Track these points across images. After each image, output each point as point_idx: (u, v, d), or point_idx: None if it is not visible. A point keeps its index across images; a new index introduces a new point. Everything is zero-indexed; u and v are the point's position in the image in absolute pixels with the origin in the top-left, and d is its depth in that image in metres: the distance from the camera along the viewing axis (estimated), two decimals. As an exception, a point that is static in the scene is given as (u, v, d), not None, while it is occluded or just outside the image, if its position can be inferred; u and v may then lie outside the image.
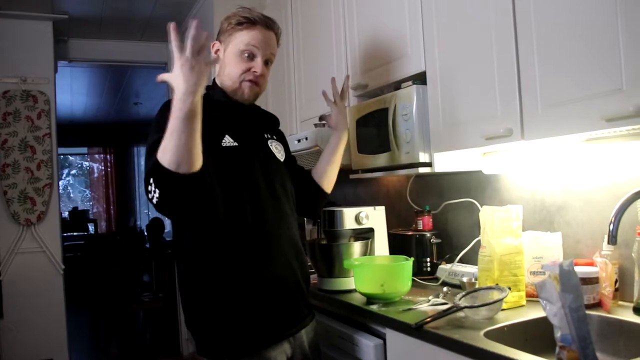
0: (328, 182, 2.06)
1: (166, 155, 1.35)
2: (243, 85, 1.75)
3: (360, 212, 2.26)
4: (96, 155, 11.12)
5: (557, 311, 1.25)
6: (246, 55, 1.73)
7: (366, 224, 2.28)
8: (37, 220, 4.14)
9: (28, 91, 4.16)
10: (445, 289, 2.01)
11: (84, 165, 11.61)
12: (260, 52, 1.75)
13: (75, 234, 9.36)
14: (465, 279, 1.96)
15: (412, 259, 1.99)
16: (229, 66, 1.76)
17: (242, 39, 1.73)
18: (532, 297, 1.82)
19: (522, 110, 1.62)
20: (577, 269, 1.65)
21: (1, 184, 4.07)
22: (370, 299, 1.96)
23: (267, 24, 1.77)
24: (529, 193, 2.07)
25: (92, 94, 7.62)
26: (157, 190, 1.39)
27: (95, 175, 11.15)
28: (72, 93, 7.32)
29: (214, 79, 1.85)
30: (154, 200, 1.42)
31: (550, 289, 1.26)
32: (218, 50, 1.79)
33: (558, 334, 1.26)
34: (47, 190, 4.17)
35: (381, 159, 2.24)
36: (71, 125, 9.35)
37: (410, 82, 2.09)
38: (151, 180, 1.40)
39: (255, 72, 1.74)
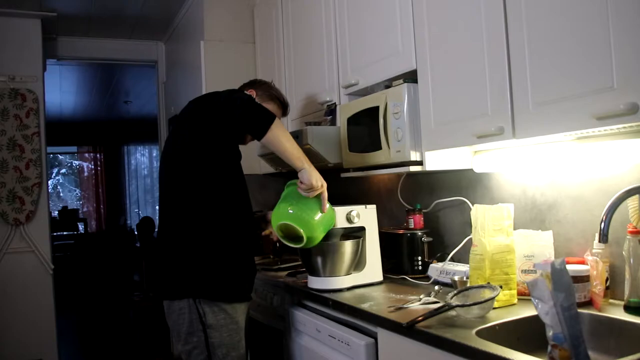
0: None
1: (275, 129, 1.96)
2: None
3: (351, 211, 2.25)
4: (86, 154, 11.05)
5: (549, 310, 1.24)
6: None
7: (357, 223, 2.26)
8: (26, 219, 4.10)
9: (16, 89, 4.11)
10: (436, 287, 2.00)
11: (74, 164, 11.54)
12: None
13: (65, 233, 9.30)
14: (456, 278, 1.95)
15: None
16: None
17: (272, 109, 2.34)
18: (524, 295, 1.82)
19: (513, 108, 1.62)
20: (568, 267, 1.65)
21: (-11, 183, 4.03)
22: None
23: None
24: (520, 191, 2.07)
25: (82, 93, 7.56)
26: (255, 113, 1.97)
27: (85, 174, 11.09)
28: (62, 91, 7.26)
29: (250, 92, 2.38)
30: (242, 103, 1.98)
31: (542, 287, 1.26)
32: (252, 94, 2.35)
33: (550, 333, 1.25)
34: (36, 189, 4.13)
35: (372, 158, 2.24)
36: (60, 123, 9.29)
37: (401, 80, 2.09)
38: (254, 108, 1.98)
39: None
